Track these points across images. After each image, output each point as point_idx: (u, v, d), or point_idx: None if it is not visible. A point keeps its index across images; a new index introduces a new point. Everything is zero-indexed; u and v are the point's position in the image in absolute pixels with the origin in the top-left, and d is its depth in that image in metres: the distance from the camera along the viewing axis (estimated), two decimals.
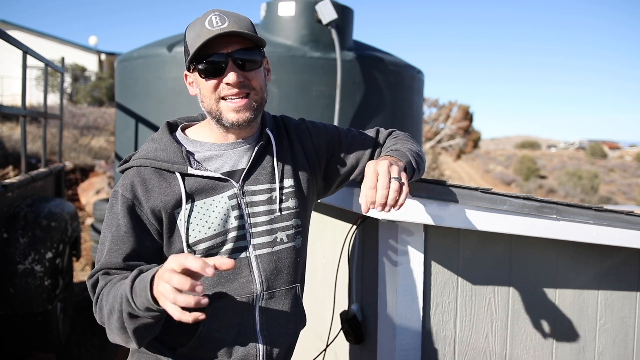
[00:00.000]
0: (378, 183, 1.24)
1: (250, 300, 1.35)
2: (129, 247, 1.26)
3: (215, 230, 1.30)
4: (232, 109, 1.29)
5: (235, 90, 1.28)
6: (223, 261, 1.00)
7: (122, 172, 1.38)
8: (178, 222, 1.29)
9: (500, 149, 58.11)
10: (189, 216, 1.29)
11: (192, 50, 1.25)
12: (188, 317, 1.00)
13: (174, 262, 1.00)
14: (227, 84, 1.27)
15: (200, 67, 1.28)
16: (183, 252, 1.29)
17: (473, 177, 31.06)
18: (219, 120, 1.32)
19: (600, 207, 1.76)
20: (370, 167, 1.28)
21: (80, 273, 6.93)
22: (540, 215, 1.67)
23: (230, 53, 1.26)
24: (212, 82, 1.28)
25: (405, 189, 1.25)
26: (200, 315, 1.00)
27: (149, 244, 1.30)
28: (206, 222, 1.30)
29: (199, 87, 1.32)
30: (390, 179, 1.24)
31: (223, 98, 1.29)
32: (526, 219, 1.66)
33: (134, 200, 1.28)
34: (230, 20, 1.26)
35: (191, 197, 1.30)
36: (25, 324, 3.57)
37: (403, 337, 1.70)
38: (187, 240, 1.29)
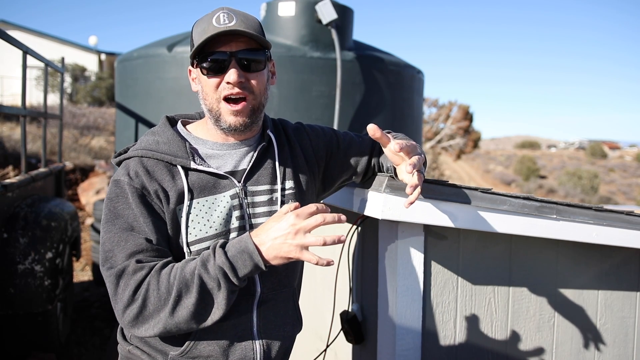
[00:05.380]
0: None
1: (248, 302, 1.34)
2: (152, 231, 1.22)
3: (216, 229, 1.29)
4: (231, 112, 1.28)
5: (236, 90, 1.27)
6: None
7: (119, 163, 1.34)
8: (179, 218, 1.27)
9: (500, 149, 58.12)
10: (190, 213, 1.27)
11: (196, 46, 1.25)
12: (323, 261, 1.13)
13: (295, 216, 1.15)
14: (228, 82, 1.26)
15: (203, 64, 1.27)
16: (182, 250, 1.27)
17: (473, 177, 31.06)
18: (217, 120, 1.31)
19: (600, 207, 1.76)
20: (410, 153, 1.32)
21: (80, 273, 6.93)
22: (540, 215, 1.67)
23: (234, 52, 1.25)
24: (214, 80, 1.27)
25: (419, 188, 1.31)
26: (331, 261, 1.14)
27: (165, 229, 1.26)
28: (208, 220, 1.28)
29: (200, 83, 1.31)
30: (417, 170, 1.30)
31: (225, 99, 1.28)
32: (526, 219, 1.66)
33: (142, 190, 1.24)
34: (238, 19, 1.25)
35: (192, 194, 1.27)
36: (25, 324, 3.57)
37: (403, 337, 1.70)
38: (187, 239, 1.27)
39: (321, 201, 1.84)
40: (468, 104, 28.21)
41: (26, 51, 3.84)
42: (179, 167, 1.28)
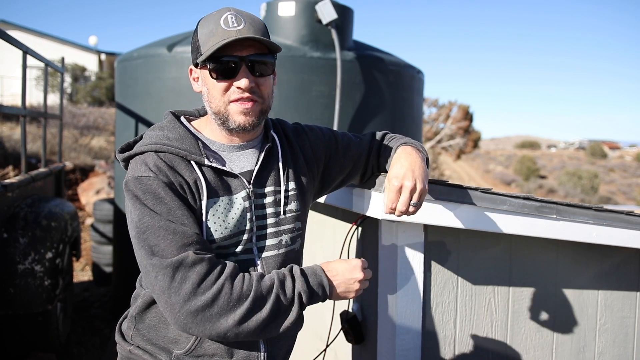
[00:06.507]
0: (400, 198, 1.34)
1: None
2: (193, 223, 1.19)
3: (231, 230, 1.28)
4: (241, 111, 1.26)
5: (246, 95, 1.25)
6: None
7: (127, 159, 1.30)
8: (201, 215, 1.24)
9: (500, 149, 58.13)
10: (208, 211, 1.25)
11: (205, 48, 1.22)
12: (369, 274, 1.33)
13: (355, 269, 1.30)
14: (239, 87, 1.24)
15: (212, 67, 1.24)
16: None
17: (473, 177, 31.07)
18: (225, 122, 1.28)
19: (600, 207, 1.76)
20: (400, 172, 1.37)
21: (80, 273, 6.92)
22: (540, 215, 1.67)
23: (244, 57, 1.23)
24: (223, 84, 1.25)
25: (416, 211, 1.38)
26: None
27: (198, 220, 1.24)
28: (223, 221, 1.27)
29: (206, 85, 1.29)
30: (410, 202, 1.34)
31: (232, 101, 1.26)
32: (526, 219, 1.66)
33: (171, 185, 1.20)
34: (247, 23, 1.23)
35: (211, 192, 1.26)
36: (25, 324, 3.57)
37: (403, 337, 1.70)
38: (206, 237, 1.24)
39: (319, 200, 1.84)
40: (468, 104, 28.21)
41: (26, 51, 3.84)
42: (194, 164, 1.26)
